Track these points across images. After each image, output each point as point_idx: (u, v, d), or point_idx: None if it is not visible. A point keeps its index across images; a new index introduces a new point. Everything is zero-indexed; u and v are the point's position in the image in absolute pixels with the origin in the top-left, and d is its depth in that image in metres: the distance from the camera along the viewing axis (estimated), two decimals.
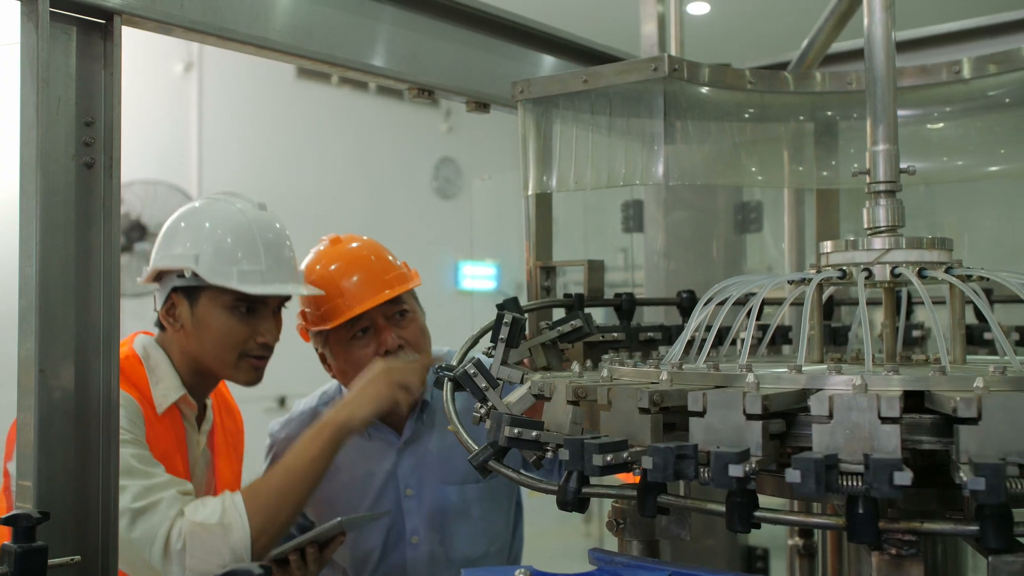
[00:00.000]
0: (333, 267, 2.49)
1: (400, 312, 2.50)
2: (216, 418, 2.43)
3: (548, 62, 2.48)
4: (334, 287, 2.46)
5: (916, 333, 2.06)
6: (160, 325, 2.30)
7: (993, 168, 1.89)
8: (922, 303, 1.94)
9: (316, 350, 2.59)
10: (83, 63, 1.62)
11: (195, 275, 2.17)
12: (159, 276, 2.26)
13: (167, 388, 2.20)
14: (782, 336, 2.12)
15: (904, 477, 1.01)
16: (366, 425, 2.25)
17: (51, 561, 1.46)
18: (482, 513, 2.57)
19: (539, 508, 3.05)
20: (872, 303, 1.94)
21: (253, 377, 2.28)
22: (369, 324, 2.46)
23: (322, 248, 2.59)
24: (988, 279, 1.46)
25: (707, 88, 1.93)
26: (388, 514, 2.52)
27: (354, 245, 2.60)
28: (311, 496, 2.17)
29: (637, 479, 1.29)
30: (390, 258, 2.61)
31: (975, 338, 1.97)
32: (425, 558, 2.54)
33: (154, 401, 2.17)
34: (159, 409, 2.17)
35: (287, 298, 2.32)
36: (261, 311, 2.24)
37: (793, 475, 1.05)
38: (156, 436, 2.13)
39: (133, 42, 1.67)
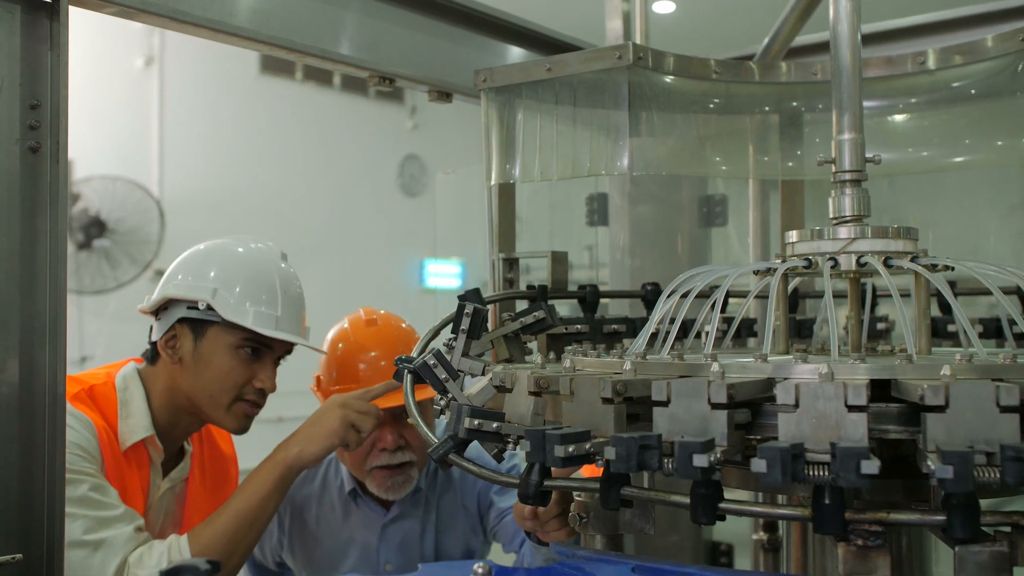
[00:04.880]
0: (372, 354, 2.46)
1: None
2: (195, 470, 2.33)
3: (513, 52, 2.45)
4: (355, 371, 2.45)
5: (880, 326, 2.06)
6: (148, 357, 2.22)
7: (958, 159, 1.88)
8: (886, 296, 1.95)
9: None
10: (28, 44, 1.56)
11: (209, 308, 2.11)
12: (164, 305, 2.17)
13: (135, 425, 2.12)
14: (747, 329, 2.10)
15: (871, 466, 0.99)
16: (317, 462, 2.16)
17: None
18: None
19: None
20: (836, 296, 1.93)
21: (243, 425, 2.20)
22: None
23: (359, 321, 2.55)
24: (953, 268, 1.45)
25: (672, 78, 1.91)
26: None
27: (392, 328, 2.55)
28: (261, 536, 2.09)
29: (600, 471, 1.26)
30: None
31: (939, 330, 1.97)
32: None
33: (119, 436, 2.09)
34: (123, 445, 2.09)
35: (289, 351, 2.25)
36: (264, 357, 2.18)
37: (759, 464, 1.03)
38: (119, 472, 2.06)
39: (92, 35, 1.62)
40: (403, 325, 2.59)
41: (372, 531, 2.57)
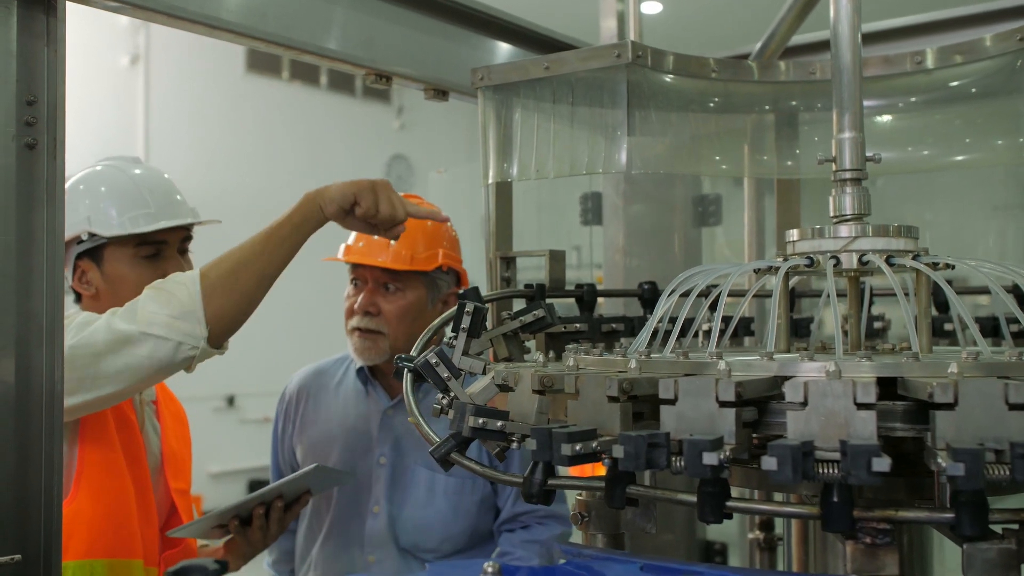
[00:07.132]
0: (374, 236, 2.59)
1: (388, 285, 2.59)
2: (159, 394, 2.46)
3: (508, 51, 2.45)
4: (355, 239, 2.64)
5: (877, 325, 2.06)
6: (77, 298, 2.35)
7: (956, 158, 1.89)
8: (882, 295, 1.95)
9: None
10: (24, 39, 1.55)
11: (91, 236, 2.26)
12: None
13: None
14: (743, 328, 2.10)
15: (883, 463, 0.99)
16: (334, 201, 2.12)
17: None
18: (445, 508, 2.60)
19: None
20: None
21: None
22: (363, 281, 2.62)
23: None
24: (954, 267, 1.45)
25: (670, 76, 1.90)
26: (354, 478, 2.57)
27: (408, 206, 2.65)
28: (277, 271, 2.02)
29: (598, 471, 1.26)
30: (427, 236, 2.64)
31: (935, 329, 1.97)
32: (382, 530, 2.59)
33: None
34: None
35: (189, 236, 2.37)
36: (165, 252, 2.31)
37: (769, 462, 1.03)
38: None
39: (77, 33, 1.61)
40: (433, 209, 2.59)
41: (373, 421, 2.64)
